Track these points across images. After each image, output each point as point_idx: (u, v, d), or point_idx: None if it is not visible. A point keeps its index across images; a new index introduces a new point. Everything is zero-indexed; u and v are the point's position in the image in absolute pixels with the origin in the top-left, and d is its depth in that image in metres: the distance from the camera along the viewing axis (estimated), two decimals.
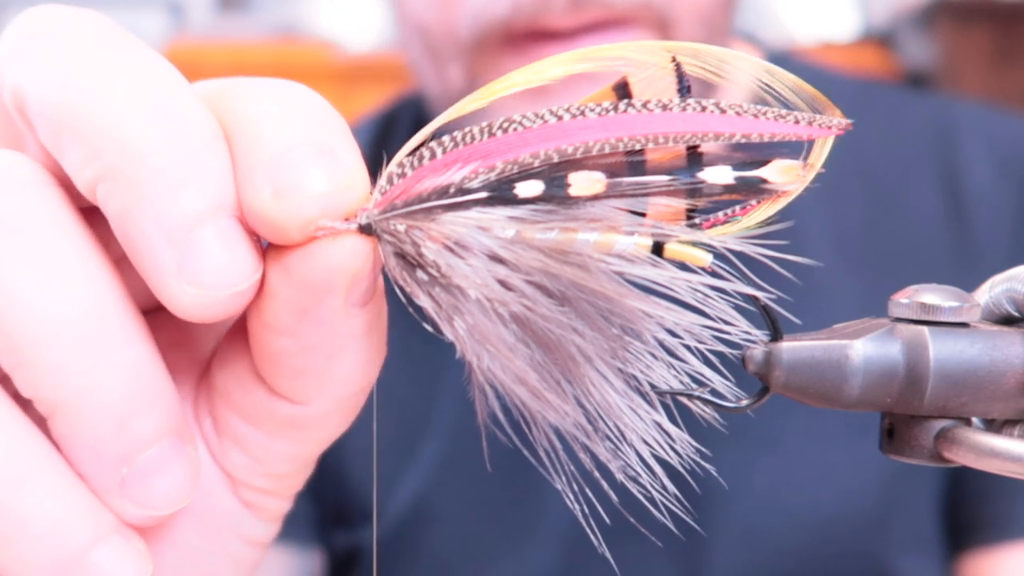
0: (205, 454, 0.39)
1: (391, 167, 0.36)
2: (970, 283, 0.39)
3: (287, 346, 0.35)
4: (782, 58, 0.92)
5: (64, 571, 0.33)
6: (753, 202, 0.36)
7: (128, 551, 0.33)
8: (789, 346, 0.36)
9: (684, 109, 0.36)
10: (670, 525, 0.38)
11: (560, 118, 0.35)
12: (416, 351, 0.83)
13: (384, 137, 0.91)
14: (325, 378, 0.36)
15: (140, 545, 0.34)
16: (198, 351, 0.39)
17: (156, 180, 0.31)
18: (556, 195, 0.35)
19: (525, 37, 0.74)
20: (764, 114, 0.36)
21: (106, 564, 0.33)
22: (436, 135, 0.36)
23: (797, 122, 0.36)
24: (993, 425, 0.38)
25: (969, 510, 0.83)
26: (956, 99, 1.04)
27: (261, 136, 0.32)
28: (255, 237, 0.33)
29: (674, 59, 0.36)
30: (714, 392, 0.37)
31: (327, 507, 0.86)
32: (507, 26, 0.74)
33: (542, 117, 0.35)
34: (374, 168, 0.97)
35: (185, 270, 0.31)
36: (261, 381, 0.37)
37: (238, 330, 0.38)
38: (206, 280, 0.31)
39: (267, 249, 0.34)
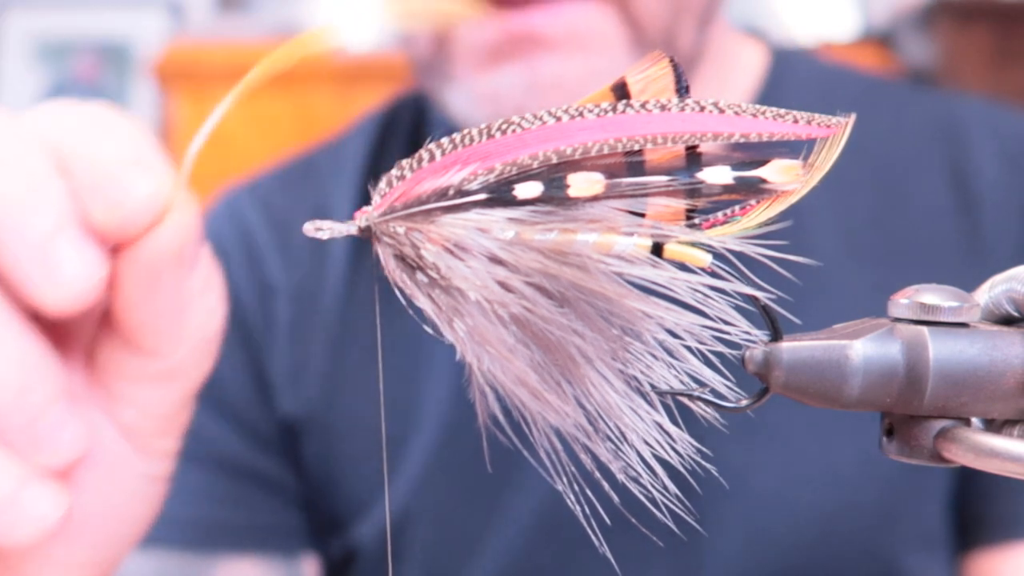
0: (99, 414, 0.48)
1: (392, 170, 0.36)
2: (978, 279, 0.39)
3: (144, 314, 0.44)
4: (788, 54, 0.91)
5: (3, 510, 0.42)
6: (752, 202, 0.36)
7: (50, 490, 0.42)
8: (789, 346, 0.36)
9: (683, 109, 0.36)
10: (671, 524, 0.38)
11: (559, 119, 0.35)
12: (400, 348, 0.82)
13: (384, 137, 0.91)
14: (180, 332, 0.45)
15: (58, 485, 0.43)
16: (78, 340, 0.48)
17: (14, 211, 0.40)
18: (555, 196, 0.35)
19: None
20: (763, 113, 0.36)
21: (35, 500, 0.42)
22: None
23: (796, 121, 0.36)
24: (993, 425, 0.38)
25: (977, 508, 0.82)
26: (961, 95, 1.03)
27: (88, 161, 0.41)
28: (101, 240, 0.41)
29: (671, 59, 0.36)
30: (714, 392, 0.37)
31: (320, 516, 0.86)
32: None
33: (540, 118, 0.35)
34: (374, 168, 0.96)
35: (50, 275, 0.40)
36: (132, 346, 0.45)
37: (107, 315, 0.47)
38: (66, 280, 0.40)
39: (113, 248, 0.42)
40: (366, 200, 0.37)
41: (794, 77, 0.88)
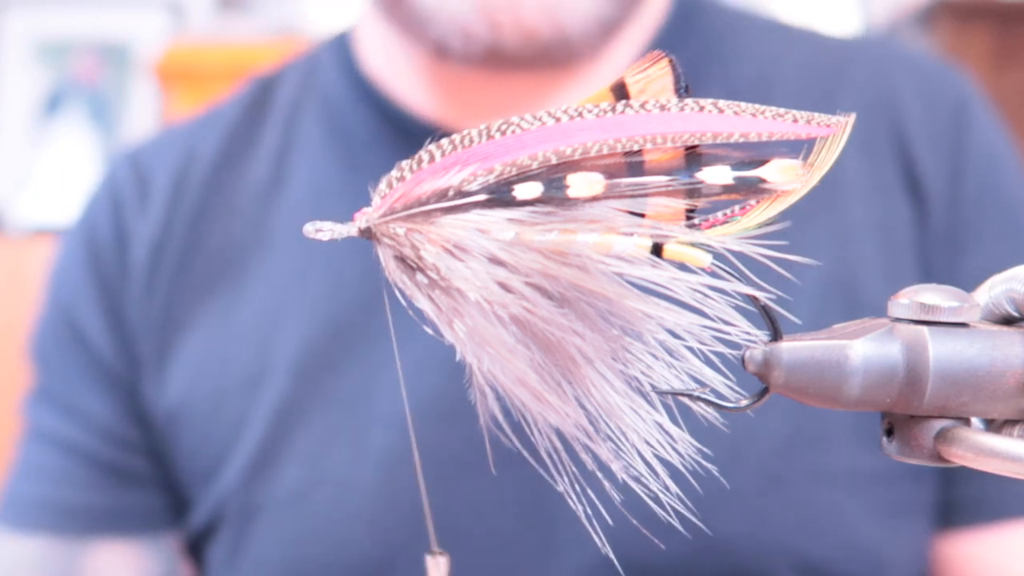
0: None
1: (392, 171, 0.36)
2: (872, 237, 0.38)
3: None
4: (690, 3, 0.86)
5: None
6: (752, 202, 0.36)
7: None
8: (789, 346, 0.36)
9: (682, 109, 0.36)
10: (679, 527, 0.38)
11: (558, 120, 0.36)
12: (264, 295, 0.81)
13: (265, 94, 0.88)
14: None
15: None
16: None
17: None
18: (555, 197, 0.35)
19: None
20: (762, 113, 0.36)
21: None
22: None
23: (795, 121, 0.36)
24: (993, 425, 0.38)
25: (950, 490, 0.78)
26: (873, 41, 0.96)
27: None
28: None
29: (671, 60, 0.36)
30: (715, 392, 0.37)
31: (173, 473, 0.84)
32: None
33: (540, 119, 0.36)
34: (249, 118, 0.97)
35: None
36: None
37: None
38: None
39: None
40: (231, 146, 0.35)
41: (695, 28, 0.83)
